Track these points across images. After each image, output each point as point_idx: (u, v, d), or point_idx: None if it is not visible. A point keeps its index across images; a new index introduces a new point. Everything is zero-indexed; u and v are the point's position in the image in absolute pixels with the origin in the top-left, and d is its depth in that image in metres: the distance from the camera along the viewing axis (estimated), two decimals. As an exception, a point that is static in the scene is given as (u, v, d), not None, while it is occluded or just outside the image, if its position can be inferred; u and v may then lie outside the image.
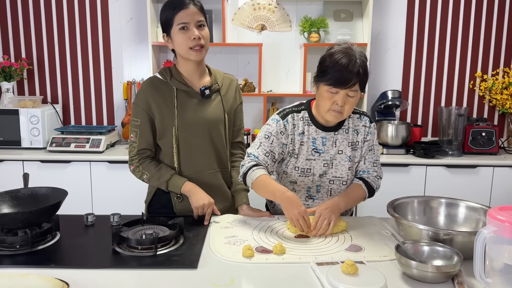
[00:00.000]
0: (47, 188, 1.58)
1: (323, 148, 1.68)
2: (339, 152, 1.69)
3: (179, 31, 1.64)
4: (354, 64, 1.51)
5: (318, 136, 1.68)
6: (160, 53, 3.28)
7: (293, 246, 1.43)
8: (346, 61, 1.51)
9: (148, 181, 1.74)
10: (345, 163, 1.70)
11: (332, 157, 1.69)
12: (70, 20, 3.29)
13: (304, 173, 1.70)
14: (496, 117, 3.39)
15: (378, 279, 1.15)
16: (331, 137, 1.68)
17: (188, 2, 1.64)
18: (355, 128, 1.70)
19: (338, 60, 1.52)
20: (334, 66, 1.52)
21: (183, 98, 1.71)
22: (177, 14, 1.63)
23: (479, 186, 2.89)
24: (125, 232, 1.45)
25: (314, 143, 1.68)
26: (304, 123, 1.68)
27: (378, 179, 1.75)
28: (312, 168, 1.69)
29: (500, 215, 1.07)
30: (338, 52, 1.54)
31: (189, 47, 1.64)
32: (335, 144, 1.68)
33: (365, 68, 1.56)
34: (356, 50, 1.56)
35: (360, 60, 1.54)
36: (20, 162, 2.88)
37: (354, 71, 1.51)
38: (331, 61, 1.53)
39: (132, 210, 1.78)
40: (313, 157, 1.68)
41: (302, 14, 3.22)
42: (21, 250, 1.37)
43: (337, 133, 1.69)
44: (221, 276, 1.23)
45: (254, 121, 3.37)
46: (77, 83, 3.37)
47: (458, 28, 3.29)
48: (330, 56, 1.55)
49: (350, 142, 1.70)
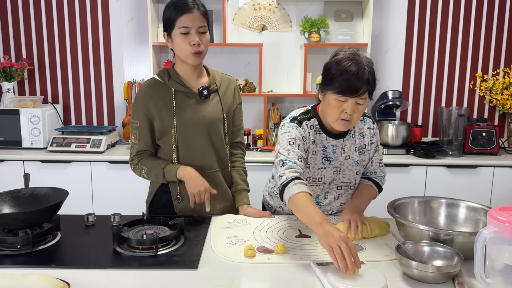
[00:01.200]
0: (48, 188, 1.58)
1: (333, 156, 1.65)
2: (347, 158, 1.67)
3: (180, 34, 1.63)
4: (363, 71, 1.46)
5: (329, 144, 1.64)
6: (160, 53, 3.28)
7: (294, 246, 1.43)
8: (355, 68, 1.46)
9: (147, 175, 1.74)
10: (352, 168, 1.68)
11: (341, 163, 1.67)
12: (71, 20, 3.30)
13: (316, 182, 1.67)
14: (496, 117, 3.39)
15: (378, 279, 1.16)
16: (341, 144, 1.65)
17: (192, 6, 1.62)
18: (360, 132, 1.69)
19: (347, 68, 1.46)
20: (342, 74, 1.46)
21: (182, 98, 1.72)
22: (180, 17, 1.61)
23: (479, 187, 2.89)
24: (125, 232, 1.45)
25: (325, 151, 1.64)
26: (315, 131, 1.63)
27: (384, 178, 1.76)
28: (323, 177, 1.67)
29: (500, 215, 1.07)
30: (346, 59, 1.48)
31: (189, 52, 1.64)
32: (343, 151, 1.66)
33: (374, 75, 1.51)
34: (362, 56, 1.51)
35: (368, 67, 1.49)
36: (20, 162, 2.88)
37: (364, 79, 1.46)
38: (339, 69, 1.47)
39: (133, 210, 1.78)
40: (323, 166, 1.65)
41: (303, 14, 3.22)
42: (22, 250, 1.37)
43: (345, 139, 1.66)
44: (221, 276, 1.23)
45: (255, 121, 3.37)
46: (78, 83, 3.37)
47: (458, 28, 3.29)
48: (337, 64, 1.49)
49: (357, 147, 1.68)
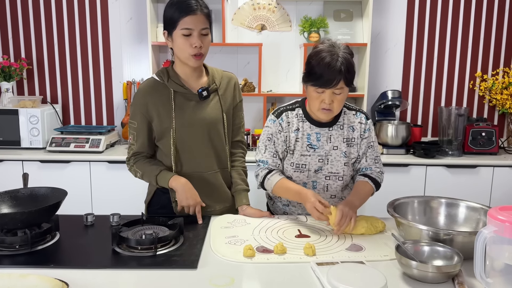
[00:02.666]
0: (47, 188, 1.58)
1: (318, 144, 1.70)
2: (334, 148, 1.71)
3: (182, 35, 1.61)
4: (335, 62, 1.53)
5: (313, 132, 1.70)
6: (160, 53, 3.28)
7: (294, 245, 1.43)
8: (328, 60, 1.53)
9: (142, 178, 1.75)
10: (340, 159, 1.71)
11: (327, 153, 1.71)
12: (70, 20, 3.29)
13: (299, 168, 1.72)
14: (496, 117, 3.39)
15: (378, 279, 1.15)
16: (326, 133, 1.70)
17: (196, 8, 1.60)
18: (350, 125, 1.72)
19: (321, 60, 1.54)
20: (317, 65, 1.55)
21: (181, 100, 1.71)
22: (183, 18, 1.59)
23: (479, 186, 2.89)
24: (124, 232, 1.45)
25: (309, 139, 1.70)
26: (299, 119, 1.71)
27: (381, 174, 1.76)
28: (307, 164, 1.71)
29: (500, 215, 1.07)
30: (322, 51, 1.56)
31: (189, 54, 1.63)
32: (329, 140, 1.70)
33: (349, 64, 1.56)
34: (339, 46, 1.58)
35: (342, 57, 1.54)
36: (19, 162, 2.88)
37: (336, 70, 1.53)
38: (315, 61, 1.56)
39: (132, 210, 1.78)
40: (308, 153, 1.71)
41: (302, 14, 3.21)
42: (21, 250, 1.36)
43: (331, 129, 1.71)
44: (221, 276, 1.23)
45: (254, 121, 3.37)
46: (77, 83, 3.37)
47: (458, 28, 3.29)
48: (314, 55, 1.58)
49: (345, 138, 1.72)
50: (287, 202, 1.82)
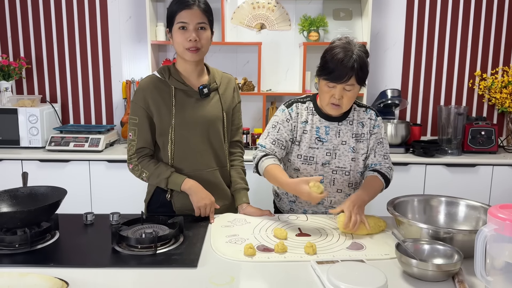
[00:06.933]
0: (46, 187, 1.58)
1: (326, 137, 1.72)
2: (343, 143, 1.72)
3: (178, 30, 1.65)
4: (349, 59, 1.55)
5: (322, 125, 1.72)
6: (159, 52, 3.27)
7: (294, 244, 1.43)
8: (342, 56, 1.55)
9: (148, 180, 1.74)
10: (348, 154, 1.72)
11: (335, 147, 1.72)
12: (69, 19, 3.28)
13: (307, 161, 1.73)
14: (495, 116, 3.39)
15: (378, 277, 1.15)
16: (335, 127, 1.72)
17: (192, 2, 1.63)
18: (360, 121, 1.74)
19: (335, 55, 1.56)
20: (331, 60, 1.57)
21: (181, 97, 1.71)
22: (179, 13, 1.63)
23: (478, 185, 2.89)
24: (124, 231, 1.45)
25: (318, 132, 1.72)
26: (309, 112, 1.74)
27: (391, 170, 1.76)
28: (315, 157, 1.72)
29: (501, 213, 1.07)
30: (337, 47, 1.59)
31: (185, 47, 1.64)
32: (338, 134, 1.72)
33: (363, 62, 1.58)
34: (355, 44, 1.60)
35: (356, 55, 1.56)
36: (19, 162, 2.87)
37: (348, 66, 1.55)
38: (330, 56, 1.59)
39: (132, 209, 1.78)
40: (316, 146, 1.72)
41: (302, 13, 3.21)
42: (20, 249, 1.36)
43: (341, 123, 1.72)
44: (221, 275, 1.23)
45: (254, 120, 3.37)
46: (76, 82, 3.36)
47: (457, 27, 3.29)
48: (329, 51, 1.61)
49: (354, 134, 1.72)
50: (293, 198, 1.82)
